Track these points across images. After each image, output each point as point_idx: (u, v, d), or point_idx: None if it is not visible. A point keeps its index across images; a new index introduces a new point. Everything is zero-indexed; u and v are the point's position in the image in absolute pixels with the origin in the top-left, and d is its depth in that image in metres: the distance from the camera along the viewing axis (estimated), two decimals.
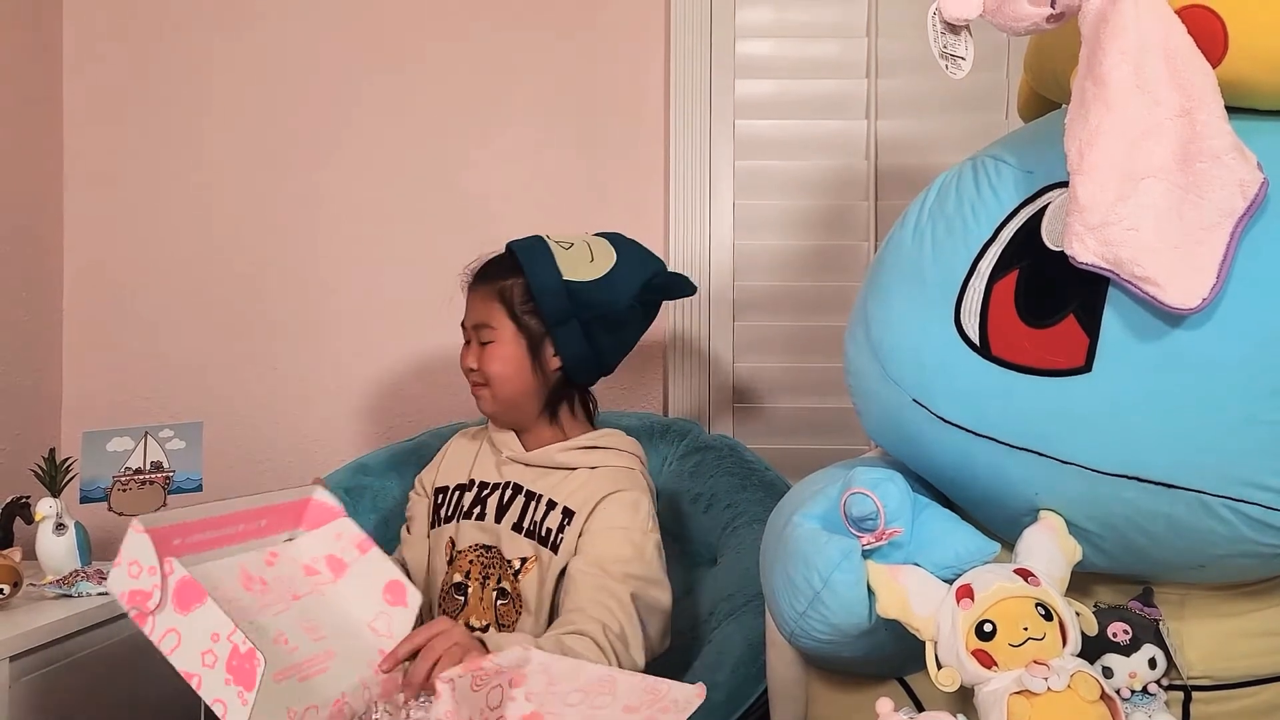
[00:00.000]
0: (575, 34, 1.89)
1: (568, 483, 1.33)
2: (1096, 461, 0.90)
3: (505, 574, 1.33)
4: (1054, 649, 0.87)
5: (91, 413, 1.88)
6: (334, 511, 1.09)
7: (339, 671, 0.99)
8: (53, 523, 1.47)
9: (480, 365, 1.34)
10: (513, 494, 1.36)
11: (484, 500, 1.37)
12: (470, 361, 1.35)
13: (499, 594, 1.33)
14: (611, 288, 1.33)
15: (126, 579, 0.88)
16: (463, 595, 1.33)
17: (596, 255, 1.35)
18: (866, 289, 1.10)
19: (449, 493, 1.41)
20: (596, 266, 1.33)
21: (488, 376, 1.34)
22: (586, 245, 1.36)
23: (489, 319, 1.34)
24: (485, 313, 1.34)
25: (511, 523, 1.34)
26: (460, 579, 1.34)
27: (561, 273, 1.32)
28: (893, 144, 1.85)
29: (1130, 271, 0.85)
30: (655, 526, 1.33)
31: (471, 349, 1.36)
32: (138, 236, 1.92)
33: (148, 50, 1.92)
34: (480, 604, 1.32)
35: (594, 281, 1.32)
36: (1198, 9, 0.90)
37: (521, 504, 1.35)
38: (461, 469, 1.42)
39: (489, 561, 1.34)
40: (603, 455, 1.36)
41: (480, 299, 1.35)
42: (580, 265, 1.33)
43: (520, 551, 1.33)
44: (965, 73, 0.94)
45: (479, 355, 1.34)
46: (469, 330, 1.37)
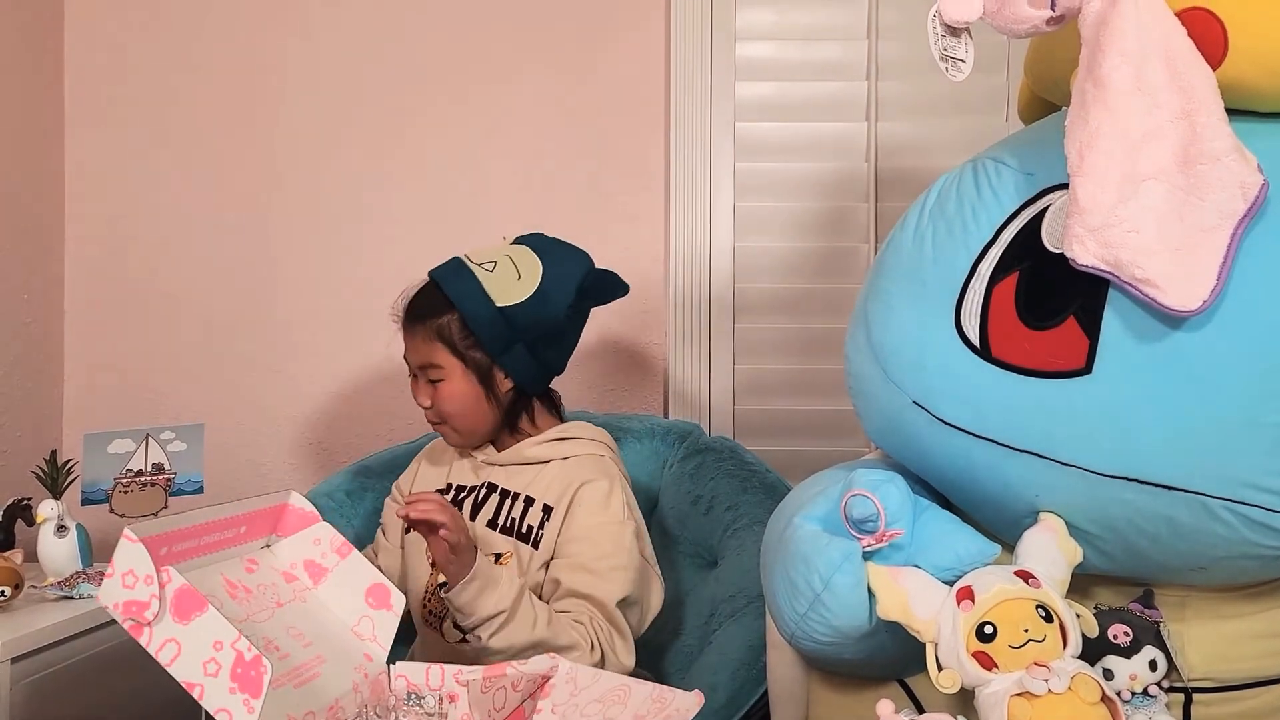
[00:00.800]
0: (575, 37, 1.89)
1: (541, 477, 1.34)
2: (1097, 463, 0.90)
3: None
4: (1054, 651, 0.87)
5: (93, 415, 1.89)
6: (309, 517, 1.09)
7: (331, 676, 0.99)
8: (54, 525, 1.47)
9: (435, 404, 1.33)
10: (488, 493, 1.37)
11: (460, 503, 1.38)
12: (423, 400, 1.34)
13: None
14: (546, 303, 1.31)
15: (120, 589, 0.87)
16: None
17: (523, 271, 1.32)
18: (867, 291, 1.10)
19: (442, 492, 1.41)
20: (525, 284, 1.31)
21: (444, 415, 1.34)
22: (510, 261, 1.33)
23: (433, 358, 1.32)
24: (428, 353, 1.32)
25: (486, 520, 1.35)
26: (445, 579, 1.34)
27: (494, 300, 1.30)
28: (893, 146, 1.85)
29: (1130, 273, 0.85)
30: (630, 513, 1.33)
31: (421, 386, 1.35)
32: (139, 238, 1.92)
33: (149, 51, 1.92)
34: None
35: (527, 301, 1.30)
36: (1198, 11, 0.90)
37: (496, 502, 1.36)
38: (438, 475, 1.43)
39: None
40: (572, 445, 1.36)
41: (420, 340, 1.33)
42: (510, 287, 1.31)
43: (494, 547, 1.33)
44: (965, 75, 0.94)
45: (431, 394, 1.33)
46: (415, 369, 1.35)
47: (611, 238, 1.86)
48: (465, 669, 1.02)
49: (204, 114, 1.92)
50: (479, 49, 1.90)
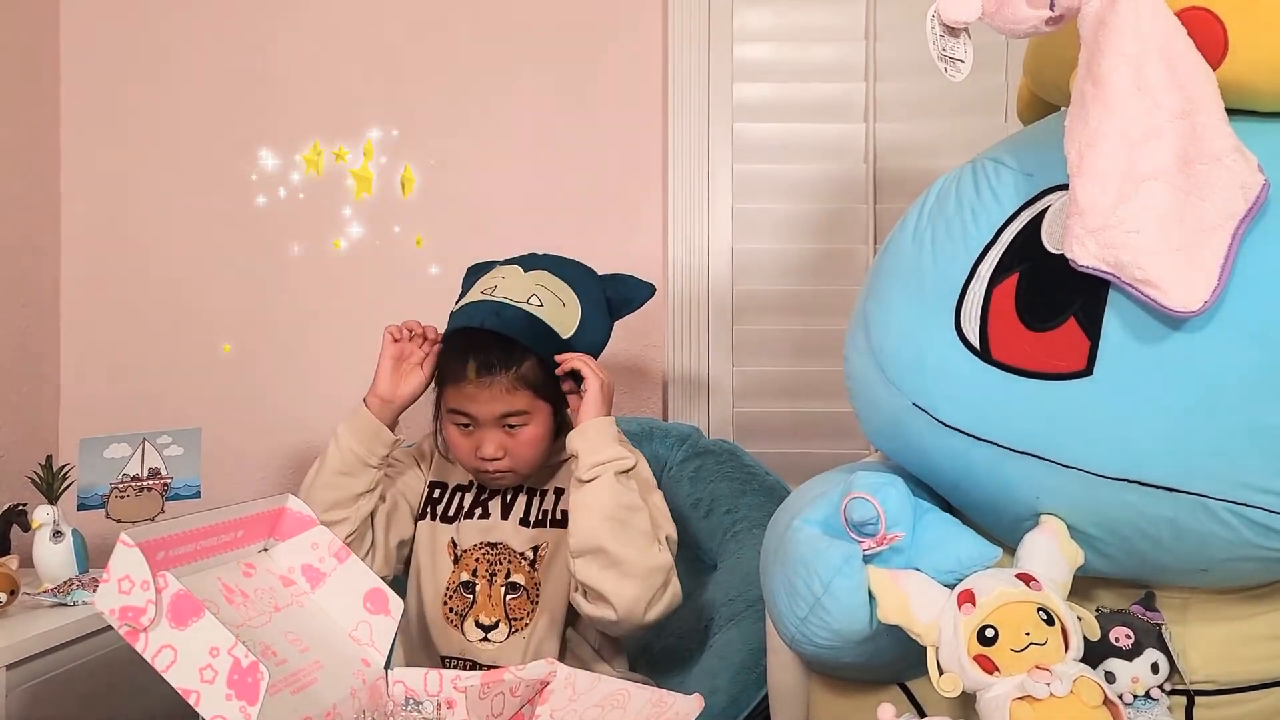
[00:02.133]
0: (573, 39, 1.89)
1: (568, 469, 1.33)
2: (1098, 465, 0.89)
3: (517, 567, 1.33)
4: (1056, 654, 0.86)
5: (89, 419, 1.88)
6: (307, 521, 1.09)
7: (329, 682, 0.99)
8: (50, 530, 1.46)
9: (510, 452, 1.31)
10: (515, 493, 1.37)
11: (484, 503, 1.37)
12: (495, 449, 1.30)
13: (509, 588, 1.33)
14: (594, 324, 1.33)
15: (117, 594, 0.86)
16: (471, 593, 1.33)
17: (564, 299, 1.32)
18: (866, 292, 1.09)
19: (448, 490, 1.40)
20: (572, 311, 1.32)
21: (520, 462, 1.32)
22: (547, 291, 1.32)
23: (517, 405, 1.29)
24: (511, 401, 1.29)
25: (518, 518, 1.36)
26: (468, 576, 1.34)
27: (560, 335, 1.30)
28: (892, 147, 1.85)
29: (1131, 274, 0.84)
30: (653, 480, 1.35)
31: (492, 436, 1.30)
32: (135, 243, 1.92)
33: (145, 57, 1.92)
34: (489, 600, 1.32)
35: (580, 327, 1.31)
36: (1198, 11, 0.89)
37: (525, 500, 1.37)
38: (459, 475, 1.41)
39: (495, 558, 1.34)
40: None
41: (500, 390, 1.28)
42: (563, 317, 1.31)
43: (531, 541, 1.34)
44: (964, 75, 0.93)
45: (505, 443, 1.30)
46: (485, 420, 1.29)
47: (610, 240, 1.86)
48: (463, 674, 1.02)
49: (200, 120, 1.92)
50: (477, 51, 1.90)
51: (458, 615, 1.34)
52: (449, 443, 1.35)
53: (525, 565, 1.34)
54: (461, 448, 1.33)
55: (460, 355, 1.30)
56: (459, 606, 1.34)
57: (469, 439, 1.31)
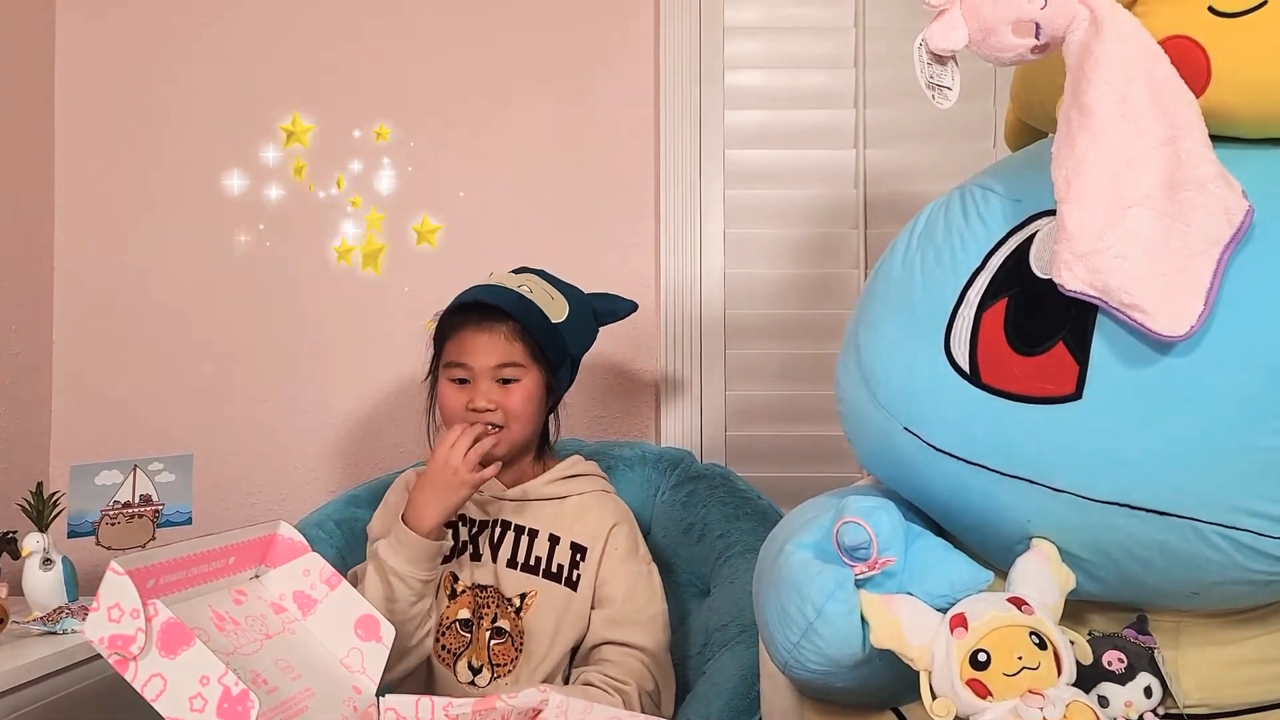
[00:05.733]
0: (566, 65, 1.91)
1: (563, 515, 1.34)
2: (1088, 489, 0.90)
3: (504, 612, 1.32)
4: (1049, 678, 0.86)
5: (80, 446, 1.87)
6: (299, 547, 1.08)
7: (320, 710, 0.98)
8: (40, 558, 1.45)
9: (503, 404, 1.31)
10: (503, 530, 1.35)
11: (475, 539, 1.36)
12: (486, 401, 1.31)
13: (494, 633, 1.31)
14: (580, 322, 1.37)
15: (106, 623, 0.86)
16: (468, 631, 1.32)
17: (552, 295, 1.37)
18: (857, 317, 1.10)
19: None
20: (559, 304, 1.36)
21: (510, 416, 1.32)
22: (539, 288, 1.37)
23: (514, 356, 1.32)
24: (509, 351, 1.32)
25: (506, 559, 1.34)
26: (468, 615, 1.33)
27: (549, 316, 1.33)
28: (882, 173, 1.86)
29: (1119, 299, 0.85)
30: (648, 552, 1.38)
31: (488, 387, 1.31)
32: (128, 269, 1.92)
33: (139, 78, 1.93)
34: (476, 644, 1.32)
35: (568, 319, 1.35)
36: (1181, 39, 0.91)
37: (513, 540, 1.35)
38: None
39: (484, 600, 1.33)
40: (582, 482, 1.38)
41: (501, 337, 1.32)
42: (551, 305, 1.35)
43: (520, 588, 1.33)
44: (952, 102, 0.94)
45: (499, 396, 1.31)
46: (481, 370, 1.32)
47: (603, 265, 1.87)
48: (456, 702, 1.01)
49: (195, 143, 1.92)
50: (470, 78, 1.91)
51: (451, 654, 1.32)
52: (442, 404, 1.35)
53: (511, 612, 1.32)
54: (453, 402, 1.32)
55: (460, 313, 1.34)
56: (454, 645, 1.32)
57: (462, 392, 1.32)
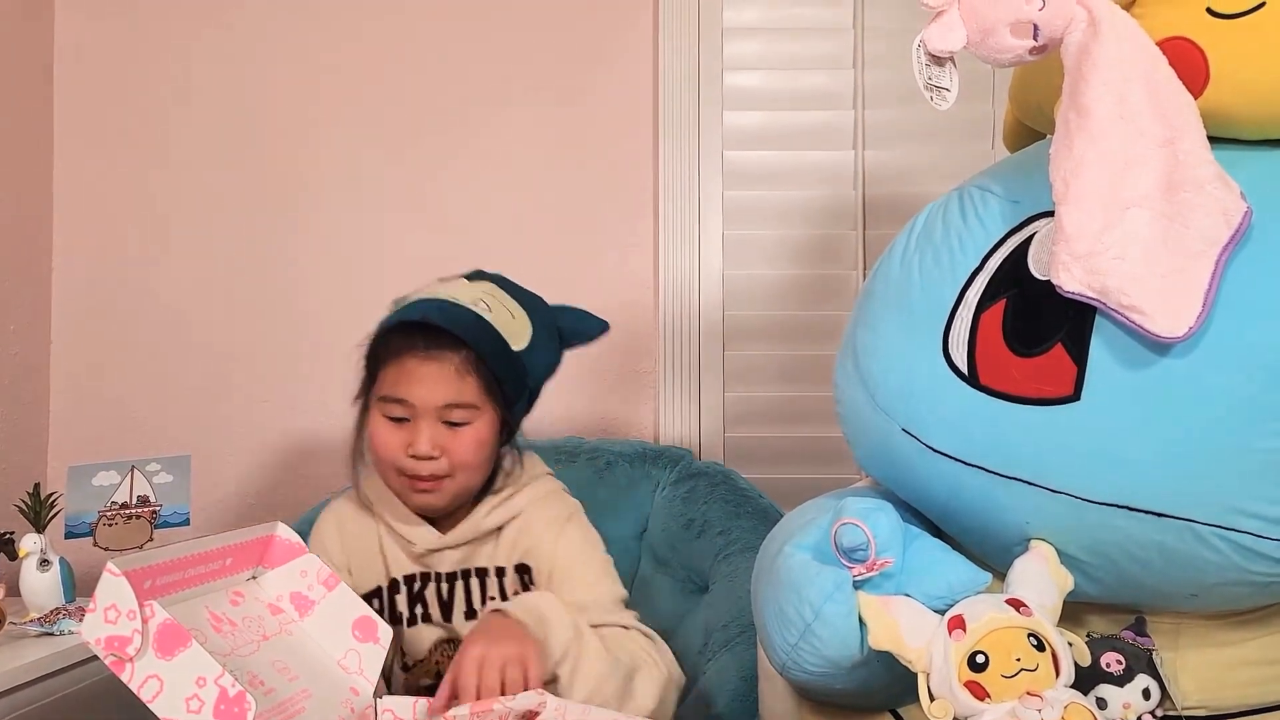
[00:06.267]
0: (564, 67, 1.91)
1: (503, 545, 1.18)
2: (1086, 490, 0.90)
3: None
4: (1047, 680, 0.86)
5: (78, 447, 1.87)
6: (296, 549, 1.08)
7: (317, 711, 0.98)
8: (37, 559, 1.45)
9: (449, 451, 1.11)
10: (449, 583, 1.19)
11: (421, 598, 1.19)
12: (430, 447, 1.11)
13: None
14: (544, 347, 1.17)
15: (103, 624, 0.86)
16: None
17: (513, 312, 1.17)
18: (855, 318, 1.10)
19: (382, 595, 1.20)
20: (521, 325, 1.16)
21: (457, 466, 1.12)
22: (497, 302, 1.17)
23: (465, 396, 1.11)
24: (459, 390, 1.11)
25: (463, 612, 1.18)
26: (431, 681, 1.17)
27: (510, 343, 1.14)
28: (880, 174, 1.86)
29: (1117, 300, 0.85)
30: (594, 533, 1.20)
31: (426, 432, 1.11)
32: (127, 269, 1.92)
33: (139, 78, 1.93)
34: None
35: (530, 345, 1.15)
36: (1179, 41, 0.91)
37: (463, 589, 1.18)
38: (374, 567, 1.21)
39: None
40: (523, 498, 1.19)
41: (451, 372, 1.11)
42: (513, 330, 1.15)
43: None
44: (950, 104, 0.94)
45: (445, 441, 1.11)
46: (424, 409, 1.11)
47: (602, 266, 1.87)
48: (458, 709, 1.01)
49: (193, 143, 1.92)
50: (469, 80, 1.91)
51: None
52: (375, 444, 1.14)
53: None
54: (389, 444, 1.12)
55: (403, 334, 1.13)
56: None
57: (400, 433, 1.11)
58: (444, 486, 1.13)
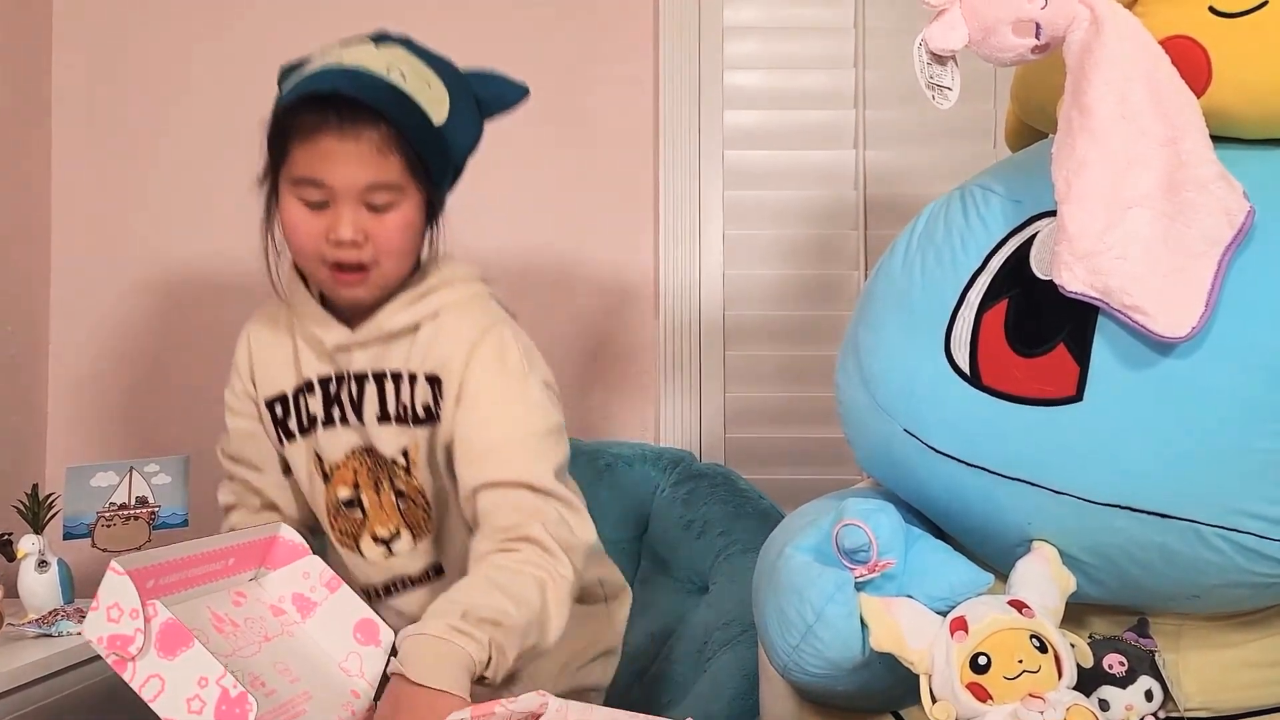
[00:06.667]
0: (565, 66, 1.90)
1: (417, 347, 1.10)
2: (1089, 491, 0.89)
3: (395, 473, 1.13)
4: (1049, 681, 0.86)
5: (76, 447, 1.87)
6: (299, 550, 1.08)
7: (318, 713, 0.97)
8: (35, 560, 1.45)
9: (373, 236, 1.04)
10: (358, 384, 1.12)
11: (336, 400, 1.13)
12: (351, 233, 1.03)
13: (397, 495, 1.14)
14: (466, 119, 1.09)
15: (105, 623, 0.85)
16: (358, 509, 1.16)
17: (429, 81, 1.07)
18: (857, 319, 1.10)
19: (289, 401, 1.17)
20: (438, 94, 1.06)
21: (382, 252, 1.05)
22: (412, 72, 1.06)
23: (388, 175, 1.03)
24: (381, 168, 1.02)
25: (375, 415, 1.11)
26: (349, 493, 1.15)
27: (431, 118, 1.04)
28: (881, 173, 1.86)
29: (1119, 300, 0.85)
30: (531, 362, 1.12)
31: (347, 215, 1.03)
32: (125, 269, 1.91)
33: (138, 75, 1.92)
34: (381, 511, 1.15)
35: (451, 118, 1.07)
36: (1181, 40, 0.91)
37: (375, 391, 1.11)
38: (286, 368, 1.17)
39: (374, 464, 1.14)
40: (439, 298, 1.12)
41: (370, 150, 1.02)
42: (432, 101, 1.05)
43: (399, 444, 1.12)
44: (952, 103, 0.94)
45: (368, 225, 1.03)
46: (344, 192, 1.03)
47: (602, 266, 1.86)
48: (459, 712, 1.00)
49: (193, 143, 1.92)
50: None
51: (350, 538, 1.16)
52: (290, 231, 1.07)
53: (401, 472, 1.12)
54: (307, 232, 1.04)
55: (315, 108, 1.02)
56: (349, 528, 1.16)
57: (318, 219, 1.04)
58: (369, 276, 1.07)
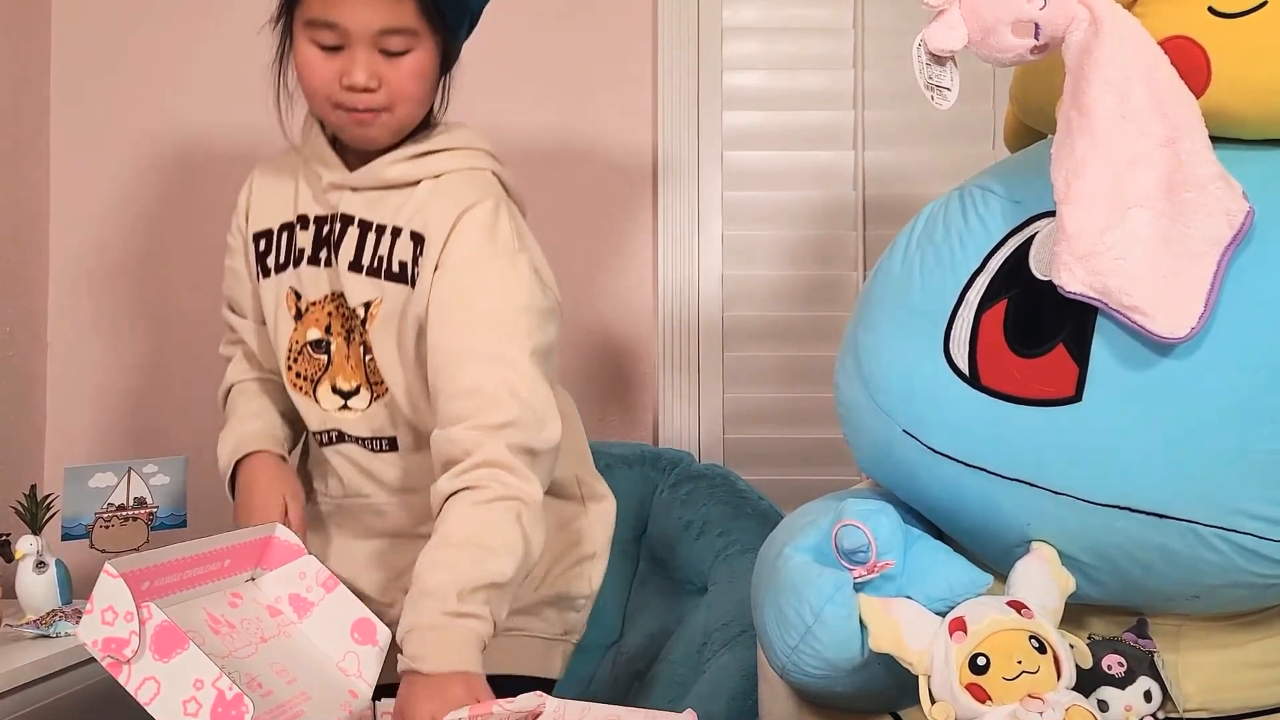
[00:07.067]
0: (563, 66, 1.90)
1: (410, 203, 1.10)
2: (1088, 492, 0.89)
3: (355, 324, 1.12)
4: (1048, 682, 0.86)
5: (75, 448, 1.87)
6: (295, 550, 1.08)
7: (315, 714, 0.97)
8: (33, 561, 1.44)
9: (388, 81, 1.05)
10: (343, 226, 1.11)
11: (326, 241, 1.13)
12: (365, 78, 1.04)
13: (365, 348, 1.12)
14: None
15: (100, 626, 0.85)
16: (324, 353, 1.13)
17: None
18: (856, 319, 1.09)
19: (274, 236, 1.16)
20: None
21: (396, 97, 1.06)
22: None
23: (403, 20, 1.03)
24: (396, 12, 1.03)
25: (348, 261, 1.11)
26: (320, 335, 1.13)
27: None
28: (880, 174, 1.86)
29: (1119, 300, 0.85)
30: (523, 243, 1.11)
31: (362, 59, 1.04)
32: (124, 269, 1.91)
33: (137, 77, 1.92)
34: (347, 362, 1.12)
35: None
36: (1181, 40, 0.90)
37: (356, 237, 1.11)
38: (283, 205, 1.17)
39: (349, 312, 1.12)
40: (444, 159, 1.12)
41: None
42: None
43: (363, 295, 1.10)
44: (951, 103, 0.94)
45: (382, 70, 1.04)
46: (359, 36, 1.04)
47: (601, 267, 1.86)
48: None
49: (192, 143, 1.91)
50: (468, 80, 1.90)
51: (308, 381, 1.13)
52: (304, 74, 1.08)
53: (359, 324, 1.11)
54: (319, 74, 1.06)
55: None
56: (309, 370, 1.13)
57: (332, 62, 1.05)
58: (382, 120, 1.08)
